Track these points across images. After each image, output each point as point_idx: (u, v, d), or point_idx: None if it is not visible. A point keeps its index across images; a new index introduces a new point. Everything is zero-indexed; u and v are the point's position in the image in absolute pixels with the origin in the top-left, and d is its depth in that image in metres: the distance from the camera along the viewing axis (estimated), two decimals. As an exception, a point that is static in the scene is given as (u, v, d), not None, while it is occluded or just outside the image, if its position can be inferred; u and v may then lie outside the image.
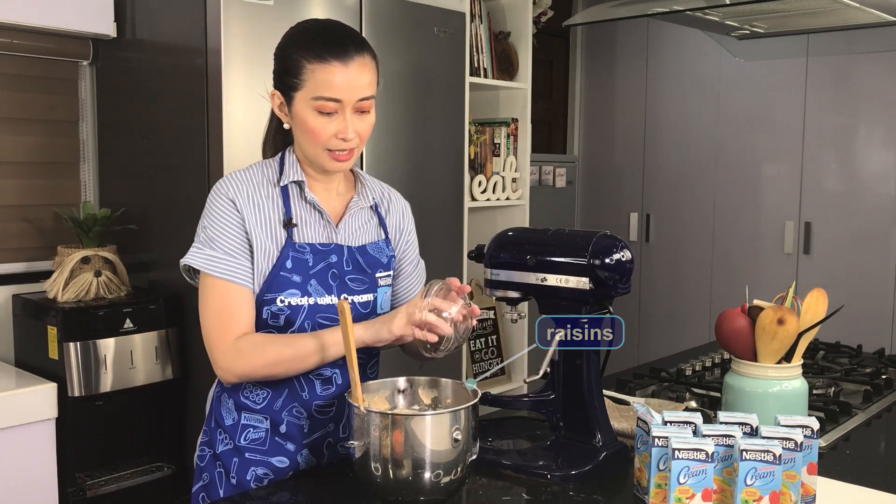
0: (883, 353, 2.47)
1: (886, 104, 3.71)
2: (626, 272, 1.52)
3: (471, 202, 3.30)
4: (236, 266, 1.46)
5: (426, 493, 1.29)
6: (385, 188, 1.68)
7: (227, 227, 1.47)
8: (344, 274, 1.53)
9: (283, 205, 1.51)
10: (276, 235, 1.49)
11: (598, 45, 4.66)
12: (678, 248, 4.38)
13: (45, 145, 2.68)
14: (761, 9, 2.44)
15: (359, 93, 1.44)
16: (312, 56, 1.42)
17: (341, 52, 1.42)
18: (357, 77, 1.43)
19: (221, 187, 1.50)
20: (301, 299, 1.48)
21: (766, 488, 1.27)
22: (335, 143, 1.46)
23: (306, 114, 1.44)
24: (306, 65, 1.42)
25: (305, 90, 1.43)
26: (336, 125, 1.44)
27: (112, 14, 2.61)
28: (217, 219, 1.48)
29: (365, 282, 1.55)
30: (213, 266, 1.45)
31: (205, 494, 1.57)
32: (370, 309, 1.56)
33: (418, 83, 2.91)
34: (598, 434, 1.54)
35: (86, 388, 2.27)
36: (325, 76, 1.42)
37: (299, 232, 1.51)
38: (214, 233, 1.47)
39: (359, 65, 1.43)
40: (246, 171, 1.53)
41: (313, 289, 1.49)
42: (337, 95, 1.42)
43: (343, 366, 1.53)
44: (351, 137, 1.45)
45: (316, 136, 1.45)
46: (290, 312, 1.48)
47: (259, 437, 1.54)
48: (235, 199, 1.48)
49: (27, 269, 2.62)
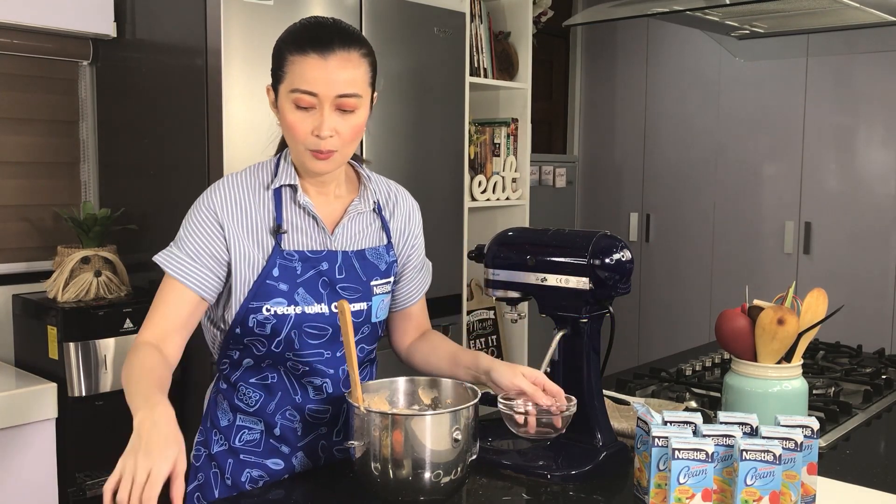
0: (883, 353, 2.47)
1: (886, 104, 3.71)
2: (626, 272, 1.52)
3: (471, 202, 3.30)
4: (194, 270, 1.44)
5: (426, 493, 1.29)
6: (392, 187, 1.64)
7: (199, 235, 1.45)
8: (336, 282, 1.49)
9: (274, 210, 1.48)
10: (264, 243, 1.46)
11: (598, 45, 4.66)
12: (678, 248, 4.38)
13: (45, 145, 2.68)
14: (761, 9, 2.44)
15: (337, 88, 1.37)
16: (294, 48, 1.39)
17: (322, 45, 1.38)
18: (336, 72, 1.37)
19: (207, 197, 1.48)
20: (287, 308, 1.45)
21: (766, 488, 1.27)
22: (312, 141, 1.40)
23: (286, 107, 1.41)
24: (288, 56, 1.40)
25: (286, 82, 1.40)
26: (313, 121, 1.39)
27: (112, 14, 2.61)
28: (193, 227, 1.47)
29: (358, 290, 1.51)
30: (172, 264, 1.45)
31: (199, 494, 1.56)
32: (363, 318, 1.53)
33: (418, 83, 2.91)
34: (598, 434, 1.54)
35: (86, 388, 2.27)
36: (301, 68, 1.38)
37: (289, 238, 1.48)
38: (186, 236, 1.46)
39: (341, 59, 1.38)
40: (239, 175, 1.51)
41: (301, 297, 1.46)
42: (312, 89, 1.37)
43: (333, 376, 1.52)
44: (326, 135, 1.38)
45: (294, 131, 1.41)
46: (276, 322, 1.45)
47: (254, 439, 1.53)
48: (218, 211, 1.46)
49: (27, 269, 2.62)
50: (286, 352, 1.48)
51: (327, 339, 1.49)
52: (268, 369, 1.51)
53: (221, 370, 1.56)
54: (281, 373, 1.51)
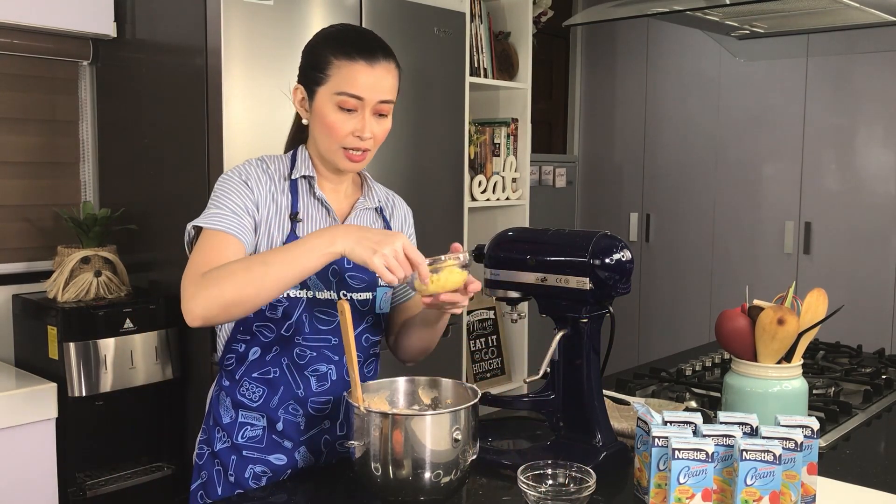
0: (883, 353, 2.47)
1: (886, 104, 3.71)
2: (626, 272, 1.52)
3: (471, 202, 3.30)
4: (237, 222, 1.45)
5: (426, 493, 1.29)
6: (390, 194, 1.72)
7: (236, 195, 1.48)
8: (344, 271, 1.54)
9: (291, 198, 1.54)
10: (282, 225, 1.52)
11: (598, 45, 4.66)
12: (678, 248, 4.38)
13: (45, 145, 2.68)
14: (761, 9, 2.44)
15: (381, 94, 1.48)
16: (340, 53, 1.47)
17: (369, 53, 1.48)
18: (381, 79, 1.48)
19: (235, 170, 1.52)
20: (300, 292, 1.50)
21: (766, 488, 1.27)
22: (351, 141, 1.49)
23: (327, 108, 1.48)
24: (333, 60, 1.47)
25: (329, 85, 1.47)
26: (354, 123, 1.48)
27: (112, 14, 2.61)
28: (227, 190, 1.48)
29: (364, 280, 1.56)
30: (214, 221, 1.44)
31: (203, 493, 1.58)
32: (368, 307, 1.58)
33: (418, 83, 2.91)
34: (598, 434, 1.54)
35: (86, 388, 2.27)
36: (350, 73, 1.46)
37: (304, 226, 1.53)
38: (221, 197, 1.48)
39: (384, 69, 1.49)
40: (258, 160, 1.56)
41: (312, 283, 1.51)
42: (359, 93, 1.46)
43: (338, 362, 1.54)
44: (367, 137, 1.49)
45: (334, 131, 1.48)
46: (287, 304, 1.50)
47: (256, 435, 1.54)
48: (248, 180, 1.50)
49: (27, 269, 2.62)
50: (295, 336, 1.51)
51: (335, 325, 1.53)
52: (271, 363, 1.53)
53: (225, 367, 1.57)
54: (283, 366, 1.53)
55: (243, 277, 1.33)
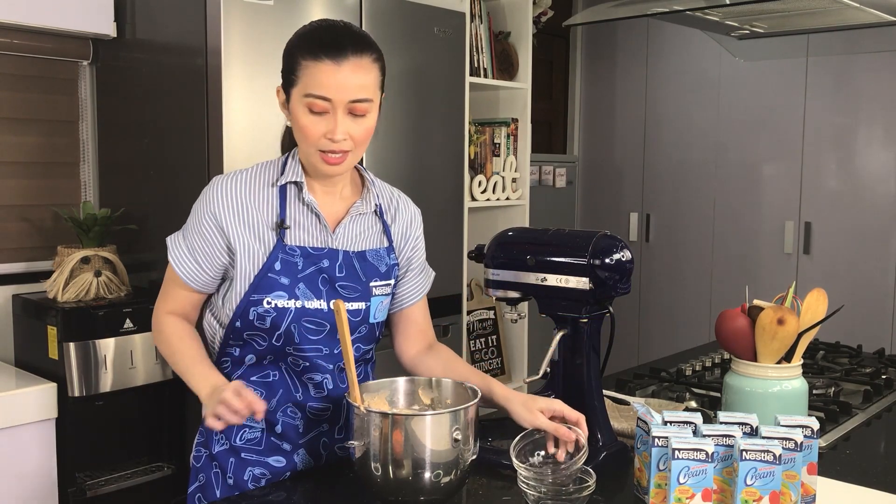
0: (883, 353, 2.47)
1: (886, 104, 3.71)
2: (626, 272, 1.52)
3: (471, 202, 3.30)
4: (194, 270, 1.53)
5: (426, 493, 1.29)
6: (395, 194, 1.66)
7: (199, 235, 1.51)
8: (335, 280, 1.51)
9: (278, 206, 1.50)
10: (265, 238, 1.49)
11: (598, 45, 4.66)
12: (678, 248, 4.38)
13: (45, 145, 2.68)
14: (761, 9, 2.44)
15: (350, 94, 1.41)
16: (307, 52, 1.42)
17: (335, 51, 1.40)
18: (349, 77, 1.40)
19: (206, 196, 1.52)
20: (288, 302, 1.47)
21: (766, 488, 1.27)
22: (325, 144, 1.43)
23: (299, 111, 1.44)
24: (301, 62, 1.42)
25: (299, 87, 1.43)
26: (326, 125, 1.42)
27: (112, 14, 2.61)
28: (195, 224, 1.53)
29: (357, 289, 1.53)
30: (178, 259, 1.54)
31: (201, 495, 1.56)
32: (361, 317, 1.54)
33: (418, 83, 2.91)
34: (598, 434, 1.54)
35: (86, 388, 2.27)
36: (315, 74, 1.40)
37: (292, 234, 1.50)
38: (189, 228, 1.54)
39: (353, 65, 1.41)
40: (243, 173, 1.53)
41: (301, 292, 1.48)
42: (326, 94, 1.40)
43: (332, 372, 1.53)
44: (340, 139, 1.42)
45: (306, 134, 1.44)
46: (276, 315, 1.47)
47: (255, 437, 1.53)
48: (218, 212, 1.49)
49: (27, 269, 2.62)
50: (286, 346, 1.49)
51: (325, 334, 1.50)
52: (269, 367, 1.52)
53: (222, 369, 1.56)
54: (282, 370, 1.52)
55: (165, 353, 1.56)
